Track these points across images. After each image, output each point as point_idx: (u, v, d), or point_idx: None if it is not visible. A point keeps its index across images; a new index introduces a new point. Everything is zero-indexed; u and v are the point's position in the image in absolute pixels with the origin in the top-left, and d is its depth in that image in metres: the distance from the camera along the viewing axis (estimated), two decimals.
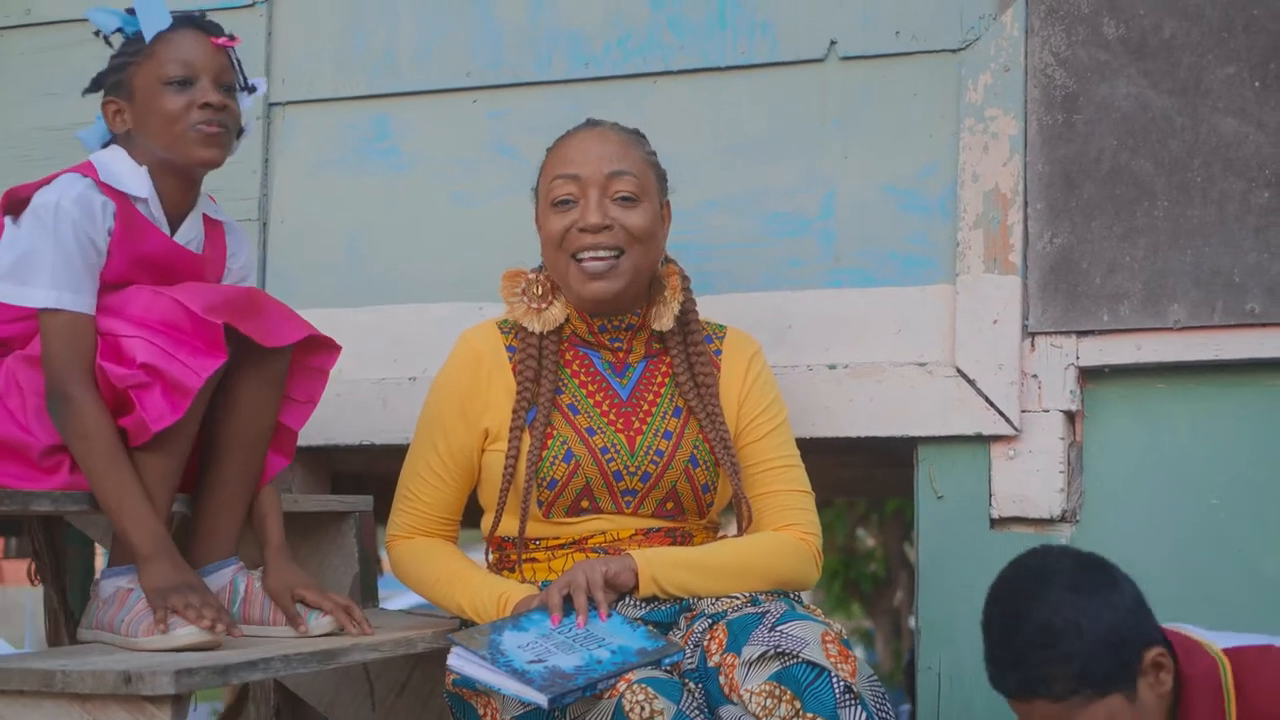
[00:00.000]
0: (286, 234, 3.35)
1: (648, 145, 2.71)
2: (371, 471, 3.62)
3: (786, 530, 2.62)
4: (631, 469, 2.59)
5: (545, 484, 2.57)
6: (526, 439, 2.58)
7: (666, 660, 2.30)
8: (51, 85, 3.48)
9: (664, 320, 2.65)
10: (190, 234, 2.62)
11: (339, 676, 3.19)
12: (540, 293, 2.67)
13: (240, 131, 2.64)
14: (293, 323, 2.55)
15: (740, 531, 2.65)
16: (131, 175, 2.55)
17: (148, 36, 2.56)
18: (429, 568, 2.65)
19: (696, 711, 2.28)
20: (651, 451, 2.60)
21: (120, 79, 2.57)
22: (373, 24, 3.31)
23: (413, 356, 3.21)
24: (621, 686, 2.26)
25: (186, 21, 2.60)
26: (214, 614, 2.33)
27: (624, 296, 2.62)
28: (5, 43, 3.53)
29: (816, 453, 2.88)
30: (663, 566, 2.48)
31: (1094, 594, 2.22)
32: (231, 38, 2.61)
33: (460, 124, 3.26)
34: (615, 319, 2.66)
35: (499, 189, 3.21)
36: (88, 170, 2.52)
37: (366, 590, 3.14)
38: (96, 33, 2.66)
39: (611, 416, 2.62)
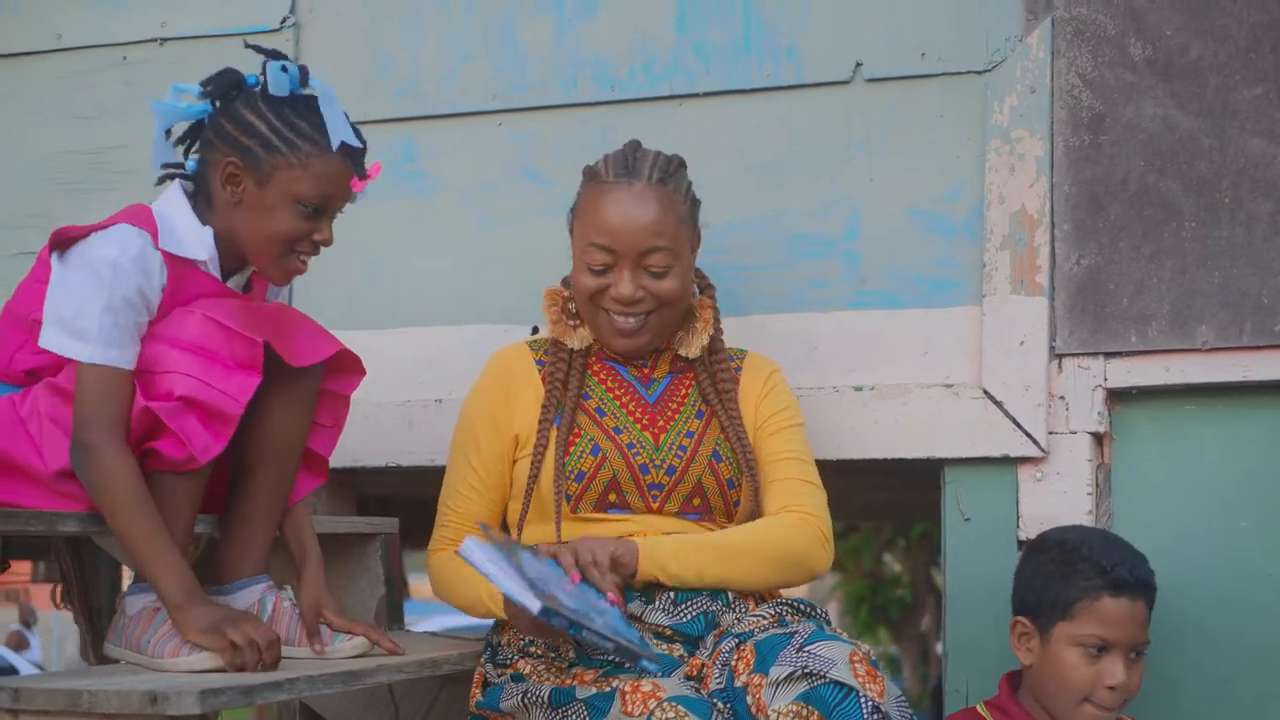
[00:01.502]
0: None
1: (683, 188, 2.70)
2: (398, 495, 3.63)
3: (786, 511, 2.65)
4: (657, 462, 2.63)
5: (572, 476, 2.60)
6: (554, 435, 2.62)
7: (645, 662, 2.28)
8: (81, 109, 3.51)
9: (692, 349, 2.72)
10: (239, 282, 2.61)
11: (365, 698, 3.19)
12: (574, 310, 2.73)
13: None
14: (322, 339, 2.56)
15: None
16: (193, 237, 2.50)
17: (333, 144, 2.47)
18: (455, 569, 2.65)
19: None
20: (676, 447, 2.65)
21: (259, 156, 2.46)
22: (398, 48, 3.32)
23: (439, 379, 3.22)
24: (652, 704, 2.27)
25: (351, 150, 2.52)
26: (268, 640, 2.32)
27: (651, 347, 2.71)
28: (36, 67, 3.55)
29: (842, 475, 2.89)
30: (665, 549, 2.53)
31: None
32: (364, 178, 2.56)
33: (485, 147, 3.27)
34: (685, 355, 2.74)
35: (524, 212, 3.22)
36: (146, 222, 2.46)
37: (392, 612, 3.14)
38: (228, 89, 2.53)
39: (638, 415, 2.68)
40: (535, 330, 3.17)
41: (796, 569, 2.61)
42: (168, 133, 2.58)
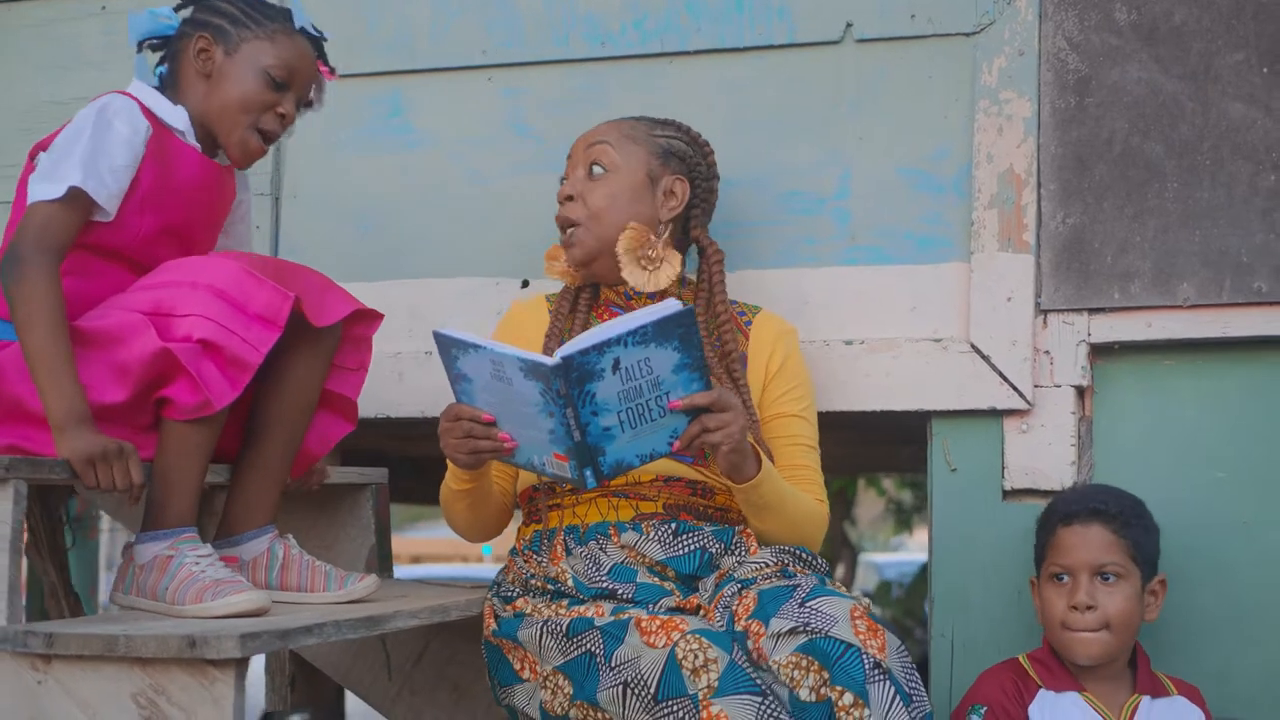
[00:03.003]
0: (299, 208, 3.38)
1: (655, 131, 2.81)
2: (382, 451, 3.65)
3: (818, 504, 2.74)
4: None
5: None
6: None
7: (587, 473, 2.35)
8: (60, 59, 3.49)
9: (647, 285, 2.75)
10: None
11: (355, 646, 3.24)
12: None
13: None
14: (337, 295, 2.59)
15: None
16: (168, 111, 2.60)
17: (297, 23, 2.64)
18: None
19: (747, 663, 2.34)
20: None
21: (228, 30, 2.61)
22: (389, 1, 3.33)
23: (429, 330, 3.21)
24: (675, 635, 2.32)
25: (314, 36, 2.69)
26: (138, 475, 2.34)
27: (593, 266, 2.78)
28: (13, 15, 3.52)
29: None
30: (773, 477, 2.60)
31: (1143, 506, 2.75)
32: (332, 71, 2.71)
33: (475, 101, 3.29)
34: (636, 289, 2.77)
35: (514, 166, 3.25)
36: (126, 94, 2.57)
37: (383, 562, 3.18)
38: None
39: None
40: (525, 284, 3.21)
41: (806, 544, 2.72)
42: (139, 46, 2.69)
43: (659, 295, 2.77)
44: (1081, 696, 2.66)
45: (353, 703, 3.63)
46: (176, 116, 2.60)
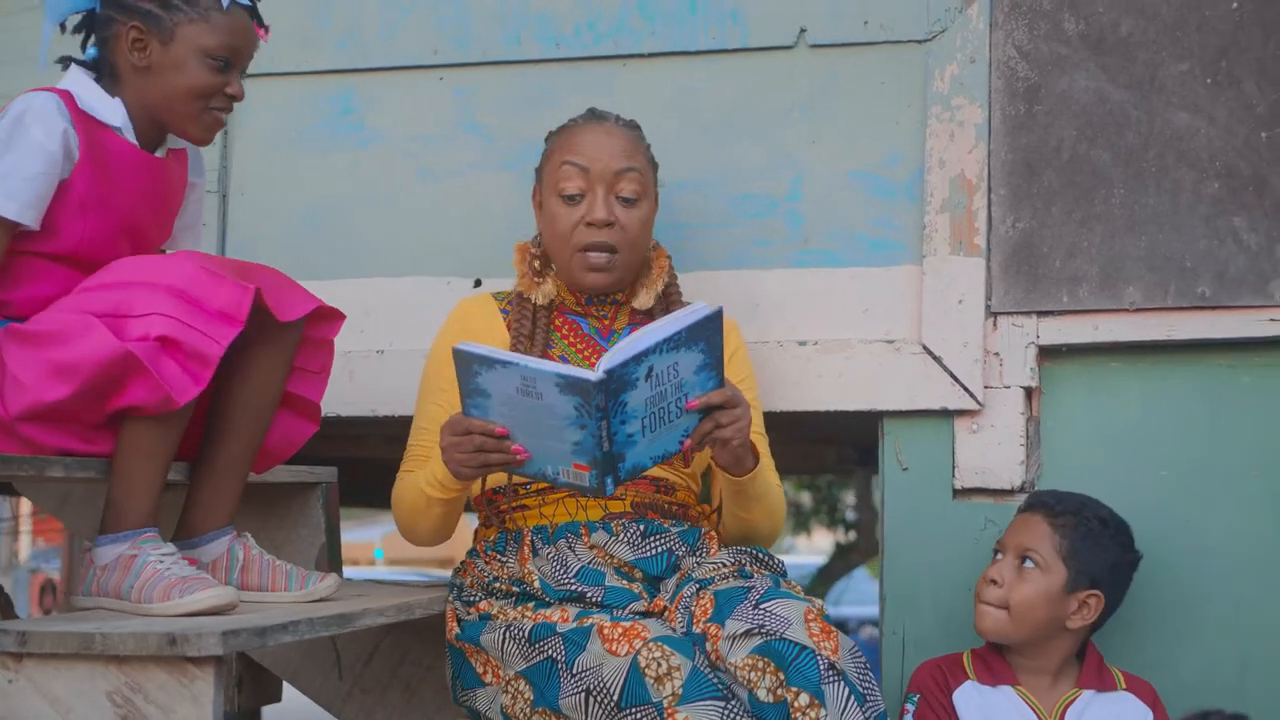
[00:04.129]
0: (247, 206, 3.36)
1: (646, 143, 2.83)
2: (328, 455, 3.62)
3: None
4: None
5: None
6: None
7: (608, 480, 2.34)
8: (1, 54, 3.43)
9: (645, 300, 2.81)
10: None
11: (305, 646, 3.22)
12: (539, 267, 2.81)
13: None
14: (299, 292, 2.58)
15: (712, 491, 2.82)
16: (104, 105, 2.53)
17: (225, 1, 2.54)
18: (407, 484, 2.72)
19: (709, 669, 2.37)
20: None
21: (159, 16, 2.51)
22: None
23: (379, 329, 3.24)
24: (637, 644, 2.35)
25: (247, 5, 2.60)
26: None
27: (617, 286, 2.79)
28: None
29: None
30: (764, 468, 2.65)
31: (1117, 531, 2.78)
32: (266, 30, 2.63)
33: (427, 101, 3.29)
34: (603, 295, 2.81)
35: (465, 165, 3.26)
36: (54, 92, 2.48)
37: (333, 560, 3.16)
38: None
39: None
40: (478, 283, 3.21)
41: (766, 540, 2.77)
42: (62, 27, 2.60)
43: (629, 305, 2.80)
44: (1014, 690, 2.72)
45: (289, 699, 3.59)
46: (113, 112, 2.53)
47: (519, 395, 2.29)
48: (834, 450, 5.80)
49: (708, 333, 2.31)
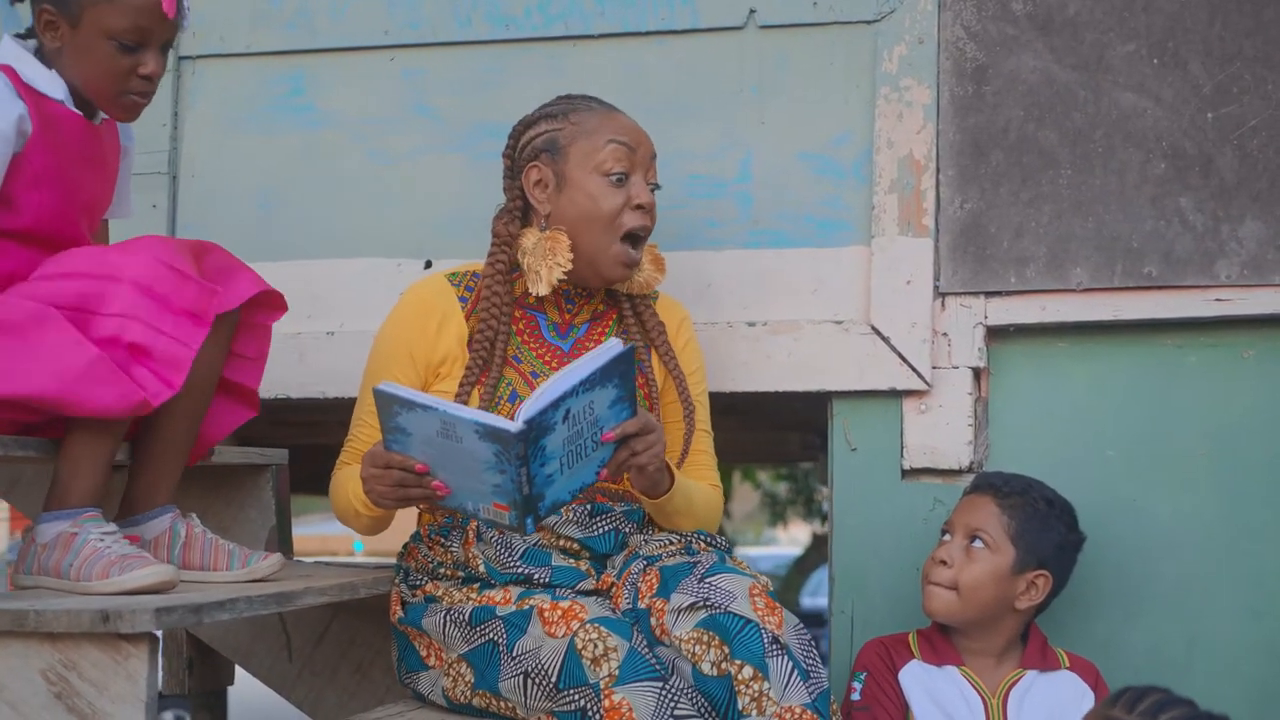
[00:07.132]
0: (198, 188, 3.34)
1: None
2: (291, 441, 3.62)
3: (715, 490, 2.78)
4: None
5: None
6: (476, 395, 2.63)
7: (529, 521, 2.32)
8: None
9: (643, 287, 2.75)
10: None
11: (254, 627, 3.21)
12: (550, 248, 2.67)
13: None
14: (245, 275, 2.57)
15: None
16: (44, 78, 2.49)
17: None
18: (343, 478, 2.68)
19: (646, 649, 2.36)
20: None
21: (69, 0, 2.46)
22: None
23: (329, 311, 3.23)
24: (574, 625, 2.35)
25: None
26: None
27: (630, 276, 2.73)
28: None
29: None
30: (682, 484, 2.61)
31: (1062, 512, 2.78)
32: (181, 10, 2.54)
33: (377, 82, 3.28)
34: (580, 285, 2.73)
35: (416, 147, 3.25)
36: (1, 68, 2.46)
37: (283, 543, 3.15)
38: None
39: (554, 365, 2.69)
40: (428, 264, 3.20)
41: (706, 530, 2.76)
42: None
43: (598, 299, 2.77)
44: (959, 671, 2.73)
45: (244, 686, 3.59)
46: (53, 84, 2.49)
47: (439, 437, 2.26)
48: (797, 436, 5.81)
49: (621, 368, 2.30)
